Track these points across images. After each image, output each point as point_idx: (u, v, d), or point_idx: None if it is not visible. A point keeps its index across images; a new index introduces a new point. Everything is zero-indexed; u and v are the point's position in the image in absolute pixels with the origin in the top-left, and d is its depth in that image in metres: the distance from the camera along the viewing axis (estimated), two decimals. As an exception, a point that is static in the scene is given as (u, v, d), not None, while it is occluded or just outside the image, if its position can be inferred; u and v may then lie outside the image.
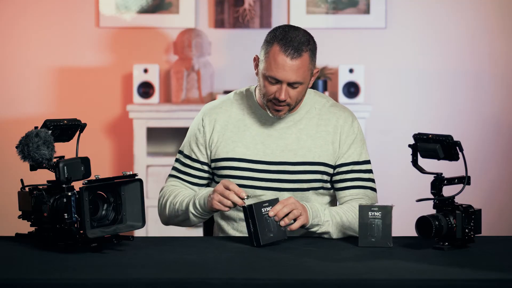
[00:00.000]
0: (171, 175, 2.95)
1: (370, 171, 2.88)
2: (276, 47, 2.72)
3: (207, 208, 2.73)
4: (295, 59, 2.72)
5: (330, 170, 2.86)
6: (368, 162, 2.88)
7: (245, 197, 2.62)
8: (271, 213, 2.58)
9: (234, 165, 2.85)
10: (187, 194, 2.84)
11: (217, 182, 2.90)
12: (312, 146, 2.85)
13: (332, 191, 2.90)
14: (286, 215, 2.60)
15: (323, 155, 2.84)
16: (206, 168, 2.91)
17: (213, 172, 2.91)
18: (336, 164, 2.86)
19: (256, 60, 2.82)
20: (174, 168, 2.94)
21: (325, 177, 2.86)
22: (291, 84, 2.74)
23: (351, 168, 2.85)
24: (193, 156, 2.91)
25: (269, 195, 2.80)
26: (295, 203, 2.63)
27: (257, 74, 2.82)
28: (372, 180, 2.88)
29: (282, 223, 2.59)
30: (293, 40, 2.72)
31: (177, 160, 2.94)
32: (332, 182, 2.88)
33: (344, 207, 2.79)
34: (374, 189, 2.88)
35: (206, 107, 2.94)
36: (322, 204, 2.79)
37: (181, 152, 2.94)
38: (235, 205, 2.65)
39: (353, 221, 2.75)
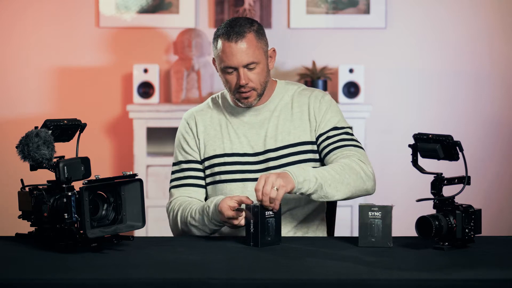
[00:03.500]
0: (173, 187, 2.94)
1: (351, 134, 2.88)
2: (221, 39, 2.82)
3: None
4: (240, 41, 2.80)
5: (314, 147, 2.89)
6: (348, 127, 2.89)
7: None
8: (258, 194, 2.54)
9: (223, 160, 2.89)
10: (196, 206, 2.82)
11: (209, 184, 2.92)
12: (291, 128, 2.90)
13: None
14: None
15: (303, 135, 2.89)
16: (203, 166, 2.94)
17: (204, 172, 2.93)
18: (317, 136, 2.88)
19: (214, 62, 2.89)
20: (174, 179, 2.95)
21: (311, 156, 2.88)
22: (246, 67, 2.81)
23: (332, 134, 2.87)
24: (190, 158, 2.94)
25: None
26: (269, 175, 2.56)
27: (220, 75, 2.88)
28: (357, 141, 2.87)
29: (275, 206, 2.55)
30: (234, 26, 2.82)
31: (174, 172, 2.96)
32: (319, 155, 2.89)
33: (332, 164, 2.75)
34: (360, 147, 2.85)
35: (186, 114, 3.01)
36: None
37: (176, 163, 2.97)
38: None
39: (340, 171, 2.70)
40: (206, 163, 2.92)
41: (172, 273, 2.22)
